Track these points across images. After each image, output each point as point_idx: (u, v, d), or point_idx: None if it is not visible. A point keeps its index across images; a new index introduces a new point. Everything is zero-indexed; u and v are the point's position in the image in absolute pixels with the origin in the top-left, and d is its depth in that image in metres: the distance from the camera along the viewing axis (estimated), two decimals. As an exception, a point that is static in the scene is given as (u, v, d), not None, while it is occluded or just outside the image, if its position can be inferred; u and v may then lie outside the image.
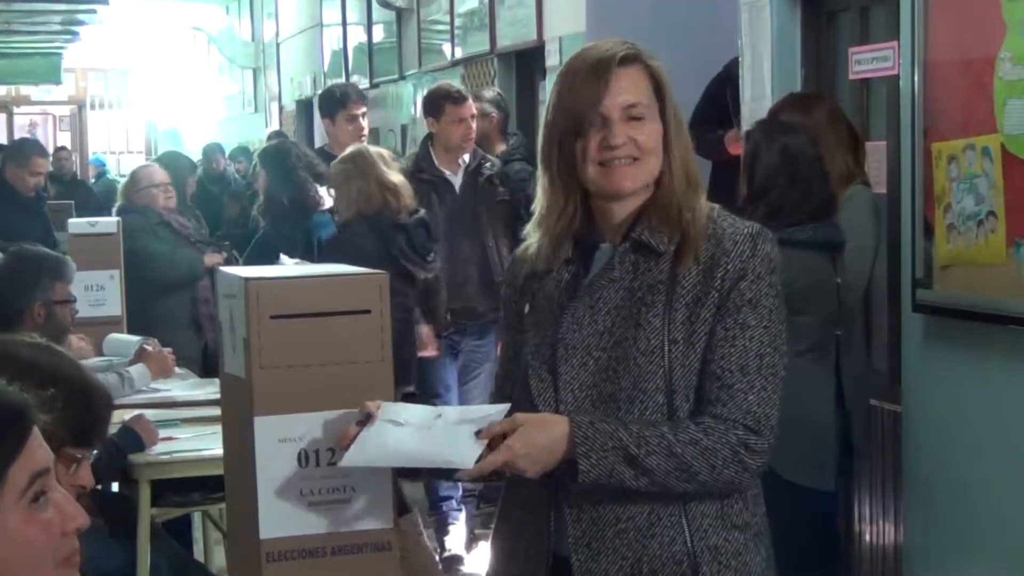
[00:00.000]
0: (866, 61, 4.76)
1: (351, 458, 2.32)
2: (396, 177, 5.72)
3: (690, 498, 2.37)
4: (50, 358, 2.54)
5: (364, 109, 6.86)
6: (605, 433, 2.29)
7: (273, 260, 5.56)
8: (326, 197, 6.20)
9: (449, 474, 2.40)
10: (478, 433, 2.28)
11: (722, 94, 6.15)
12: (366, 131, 6.91)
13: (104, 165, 20.17)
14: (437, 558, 5.96)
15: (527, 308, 2.53)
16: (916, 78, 4.10)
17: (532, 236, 2.53)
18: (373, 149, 5.88)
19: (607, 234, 2.47)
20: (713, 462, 2.30)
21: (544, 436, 2.29)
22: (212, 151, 14.04)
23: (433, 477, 2.44)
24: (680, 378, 2.35)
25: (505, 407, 2.34)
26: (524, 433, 2.28)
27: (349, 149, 5.94)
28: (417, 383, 5.73)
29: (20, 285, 4.87)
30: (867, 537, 4.91)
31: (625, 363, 2.36)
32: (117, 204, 7.14)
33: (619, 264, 2.42)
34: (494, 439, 2.28)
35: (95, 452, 2.54)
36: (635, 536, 2.37)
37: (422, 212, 5.76)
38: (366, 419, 2.35)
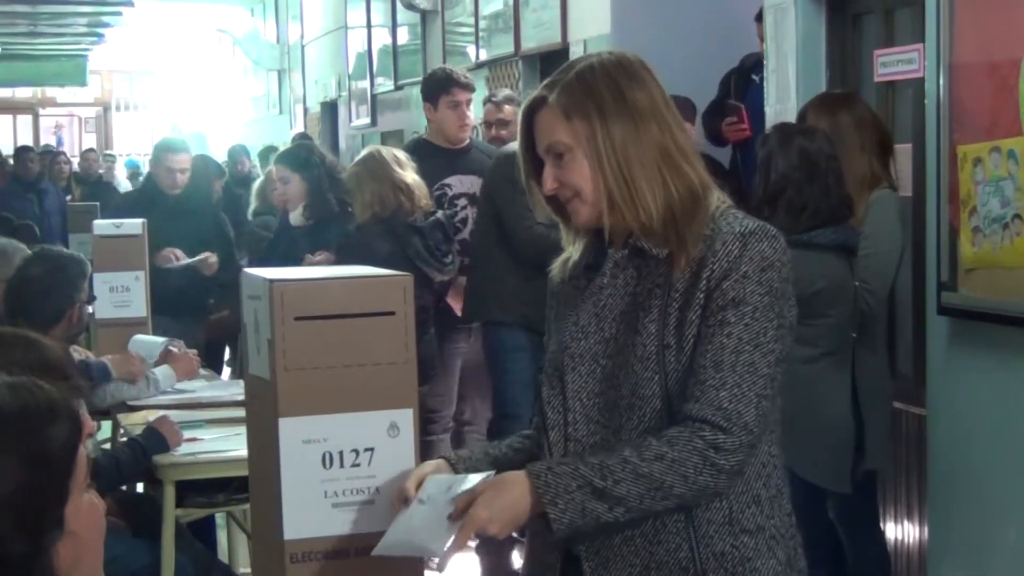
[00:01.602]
0: (891, 63, 4.75)
1: (378, 548, 2.36)
2: (410, 178, 5.67)
3: (696, 504, 2.34)
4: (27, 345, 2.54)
5: (470, 96, 6.31)
6: (565, 475, 2.25)
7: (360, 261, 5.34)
8: None
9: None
10: (450, 517, 2.29)
11: (727, 83, 6.16)
12: (471, 120, 6.32)
13: (139, 167, 20.24)
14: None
15: (554, 314, 2.53)
16: (941, 80, 4.09)
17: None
18: (385, 150, 5.82)
19: (614, 241, 2.45)
20: (684, 472, 2.24)
21: (504, 497, 2.27)
22: (237, 153, 14.08)
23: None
24: (675, 383, 2.31)
25: (490, 474, 2.33)
26: (484, 500, 2.26)
27: (362, 152, 5.89)
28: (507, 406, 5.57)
29: (68, 287, 4.91)
30: (891, 539, 4.90)
31: (625, 370, 2.34)
32: (252, 206, 7.07)
33: (614, 271, 2.40)
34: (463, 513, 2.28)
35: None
36: (642, 543, 2.36)
37: (439, 213, 5.72)
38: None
